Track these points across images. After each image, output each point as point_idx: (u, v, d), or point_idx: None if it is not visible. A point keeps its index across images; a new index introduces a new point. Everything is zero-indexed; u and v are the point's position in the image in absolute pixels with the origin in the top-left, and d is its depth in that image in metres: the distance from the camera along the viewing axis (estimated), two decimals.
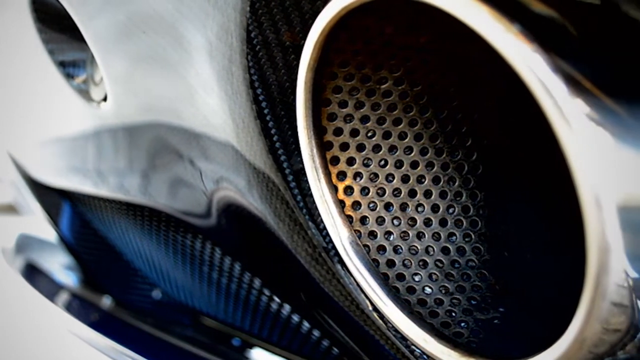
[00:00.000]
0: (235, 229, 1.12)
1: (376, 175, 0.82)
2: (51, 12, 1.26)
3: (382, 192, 0.82)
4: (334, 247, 0.84)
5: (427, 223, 0.83)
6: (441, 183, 0.84)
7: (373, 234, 0.82)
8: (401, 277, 0.81)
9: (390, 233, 0.82)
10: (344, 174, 0.82)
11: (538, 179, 0.85)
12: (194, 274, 1.35)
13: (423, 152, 0.83)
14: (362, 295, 0.83)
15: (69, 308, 1.60)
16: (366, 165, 0.82)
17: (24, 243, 1.99)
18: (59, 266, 1.84)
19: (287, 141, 0.86)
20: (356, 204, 0.82)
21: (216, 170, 0.99)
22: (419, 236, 0.82)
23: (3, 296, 1.77)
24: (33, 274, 1.81)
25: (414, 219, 0.83)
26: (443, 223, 0.83)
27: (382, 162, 0.82)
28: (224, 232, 1.15)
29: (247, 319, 1.29)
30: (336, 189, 0.81)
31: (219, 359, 1.33)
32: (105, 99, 1.17)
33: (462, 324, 0.79)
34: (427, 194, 0.83)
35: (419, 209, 0.83)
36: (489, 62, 0.70)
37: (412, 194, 0.83)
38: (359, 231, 0.82)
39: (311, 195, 0.83)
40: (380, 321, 0.83)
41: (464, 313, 0.79)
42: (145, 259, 1.52)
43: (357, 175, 0.82)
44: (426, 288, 0.81)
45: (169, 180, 1.15)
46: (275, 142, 0.86)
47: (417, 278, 0.81)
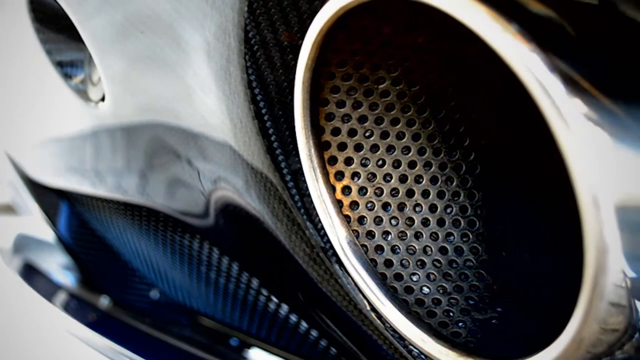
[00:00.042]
0: (233, 229, 1.11)
1: (374, 175, 0.82)
2: (49, 12, 1.26)
3: (379, 192, 0.82)
4: (331, 247, 0.84)
5: (425, 223, 0.83)
6: (439, 183, 0.84)
7: (371, 234, 0.82)
8: (399, 277, 0.81)
9: (388, 233, 0.82)
10: (342, 174, 0.82)
11: (536, 179, 0.85)
12: (192, 273, 1.34)
13: (421, 151, 0.83)
14: (360, 295, 0.83)
15: (66, 308, 1.60)
16: (364, 165, 0.82)
17: (22, 243, 1.99)
18: (57, 266, 1.84)
19: (284, 141, 0.86)
20: (354, 204, 0.82)
21: (214, 170, 0.99)
22: (417, 236, 0.82)
23: (1, 296, 1.77)
24: (31, 274, 1.80)
25: (411, 219, 0.83)
26: (441, 223, 0.83)
27: (380, 162, 0.82)
28: (222, 232, 1.15)
29: (245, 318, 1.29)
30: (334, 189, 0.81)
31: (217, 359, 1.33)
32: (103, 99, 1.17)
33: (460, 323, 0.79)
34: (425, 193, 0.83)
35: (417, 208, 0.83)
36: (486, 62, 0.70)
37: (409, 193, 0.83)
38: (356, 231, 0.82)
39: (309, 195, 0.83)
40: (378, 321, 0.83)
41: (462, 313, 0.79)
42: (143, 259, 1.52)
43: (354, 175, 0.82)
44: (424, 288, 0.81)
45: (166, 180, 1.15)
46: (273, 142, 0.86)
47: (415, 278, 0.81)
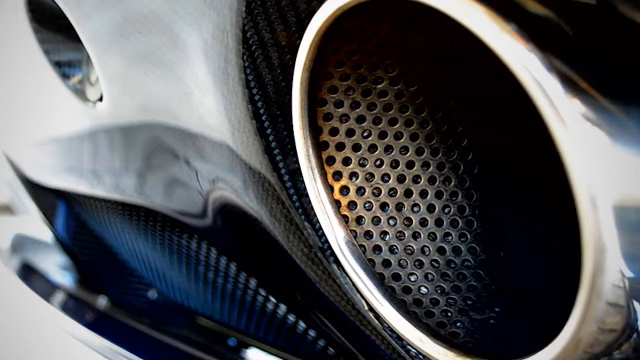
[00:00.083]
0: (231, 229, 1.11)
1: (372, 175, 0.82)
2: (47, 11, 1.26)
3: (378, 192, 0.82)
4: (329, 247, 0.84)
5: (423, 223, 0.83)
6: (437, 183, 0.84)
7: (369, 234, 0.82)
8: (397, 277, 0.81)
9: (386, 233, 0.82)
10: (340, 174, 0.82)
11: (534, 179, 0.85)
12: (190, 274, 1.34)
13: (419, 151, 0.83)
14: (358, 295, 0.83)
15: (64, 308, 1.60)
16: (362, 165, 0.82)
17: (20, 243, 1.99)
18: (55, 266, 1.83)
19: (283, 141, 0.86)
20: (352, 204, 0.82)
21: (212, 170, 0.99)
22: (415, 236, 0.82)
23: None
24: (29, 274, 1.80)
25: (409, 219, 0.83)
26: (439, 223, 0.83)
27: (378, 162, 0.82)
28: (220, 232, 1.15)
29: (242, 319, 1.29)
30: (332, 189, 0.81)
31: (215, 359, 1.33)
32: (101, 99, 1.17)
33: (458, 324, 0.79)
34: (423, 193, 0.83)
35: (415, 208, 0.83)
36: (484, 62, 0.70)
37: (408, 193, 0.83)
38: (354, 231, 0.82)
39: (307, 195, 0.83)
40: (376, 321, 0.83)
41: (460, 313, 0.79)
42: (141, 259, 1.52)
43: (353, 175, 0.82)
44: (422, 288, 0.81)
45: (164, 181, 1.15)
46: (271, 142, 0.86)
47: (413, 278, 0.81)
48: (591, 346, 0.61)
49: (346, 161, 0.82)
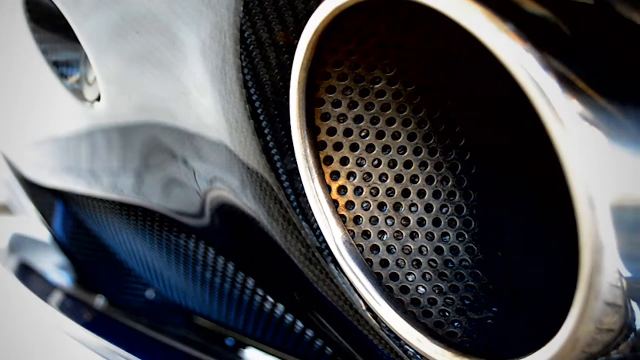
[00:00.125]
0: (229, 229, 1.11)
1: (370, 175, 0.82)
2: (45, 12, 1.26)
3: (375, 192, 0.82)
4: (327, 247, 0.84)
5: (421, 223, 0.83)
6: (435, 183, 0.84)
7: (366, 234, 0.82)
8: (395, 277, 0.81)
9: (383, 233, 0.82)
10: (338, 174, 0.82)
11: (532, 179, 0.85)
12: (188, 273, 1.34)
13: (417, 152, 0.83)
14: (356, 295, 0.83)
15: (62, 308, 1.60)
16: (360, 165, 0.82)
17: (18, 243, 1.99)
18: (53, 266, 1.83)
19: (280, 141, 0.86)
20: (350, 204, 0.82)
21: (210, 170, 0.99)
22: (413, 236, 0.82)
23: None
24: (27, 274, 1.80)
25: (407, 219, 0.83)
26: (437, 223, 0.83)
27: (376, 162, 0.82)
28: (218, 232, 1.15)
29: (240, 318, 1.29)
30: (330, 189, 0.81)
31: (213, 359, 1.33)
32: (99, 99, 1.17)
33: (456, 323, 0.79)
34: (421, 193, 0.83)
35: (413, 208, 0.83)
36: (482, 62, 0.70)
37: (405, 193, 0.83)
38: (352, 231, 0.82)
39: (305, 195, 0.83)
40: (374, 321, 0.83)
41: (458, 313, 0.79)
42: (139, 259, 1.52)
43: (350, 175, 0.82)
44: (420, 288, 0.81)
45: (162, 181, 1.15)
46: (269, 142, 0.86)
47: (410, 278, 0.81)
48: (589, 346, 0.61)
49: (344, 161, 0.82)
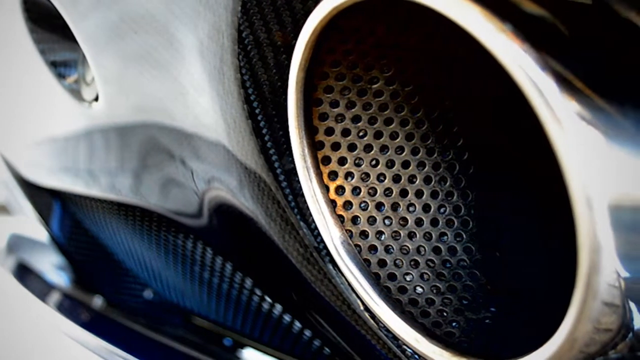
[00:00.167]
0: (227, 229, 1.11)
1: (368, 175, 0.82)
2: (42, 11, 1.26)
3: (373, 192, 0.82)
4: (325, 247, 0.84)
5: (419, 223, 0.83)
6: (433, 183, 0.84)
7: (364, 234, 0.82)
8: (392, 276, 0.81)
9: (381, 233, 0.82)
10: (336, 174, 0.82)
11: (530, 179, 0.85)
12: (186, 273, 1.34)
13: (414, 151, 0.83)
14: (354, 295, 0.83)
15: (60, 308, 1.60)
16: (358, 165, 0.82)
17: (16, 243, 1.99)
18: (51, 266, 1.83)
19: (278, 141, 0.86)
20: (347, 204, 0.82)
21: (207, 170, 0.99)
22: (411, 236, 0.82)
23: None
24: (24, 274, 1.80)
25: (405, 219, 0.83)
26: (434, 223, 0.83)
27: (374, 162, 0.82)
28: (216, 232, 1.15)
29: (238, 319, 1.29)
30: (327, 189, 0.81)
31: (211, 358, 1.32)
32: (96, 99, 1.17)
33: (454, 323, 0.79)
34: (419, 193, 0.83)
35: (411, 208, 0.83)
36: (480, 62, 0.70)
37: (403, 193, 0.83)
38: (350, 231, 0.82)
39: (303, 195, 0.83)
40: (372, 321, 0.83)
41: (456, 313, 0.79)
42: (137, 258, 1.52)
43: (348, 175, 0.82)
44: (417, 288, 0.81)
45: (160, 180, 1.15)
46: (266, 142, 0.86)
47: (408, 278, 0.81)
48: (587, 346, 0.61)
49: (342, 161, 0.82)
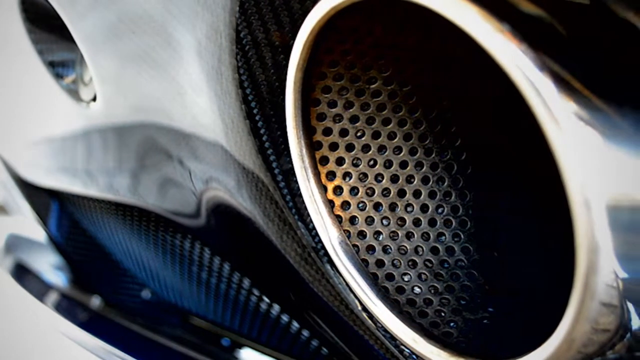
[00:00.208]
0: (225, 229, 1.11)
1: (365, 175, 0.82)
2: (40, 12, 1.26)
3: (371, 192, 0.82)
4: (323, 247, 0.84)
5: (416, 223, 0.83)
6: (430, 183, 0.84)
7: (362, 234, 0.82)
8: (390, 277, 0.81)
9: (379, 233, 0.82)
10: (333, 174, 0.82)
11: (528, 179, 0.85)
12: (183, 273, 1.34)
13: (412, 152, 0.83)
14: (352, 295, 0.83)
15: (58, 308, 1.60)
16: (355, 165, 0.82)
17: (13, 243, 1.99)
18: (49, 266, 1.83)
19: (276, 141, 0.86)
20: (345, 204, 0.82)
21: (205, 170, 0.99)
22: (408, 236, 0.82)
23: None
24: (22, 274, 1.80)
25: (403, 219, 0.83)
26: (432, 223, 0.83)
27: (372, 162, 0.82)
28: (213, 232, 1.15)
29: (236, 318, 1.29)
30: (325, 189, 0.81)
31: (209, 359, 1.32)
32: (94, 99, 1.17)
33: (452, 323, 0.79)
34: (416, 194, 0.83)
35: (408, 208, 0.83)
36: (478, 62, 0.70)
37: (401, 193, 0.83)
38: (348, 231, 0.82)
39: (300, 195, 0.83)
40: (370, 321, 0.83)
41: (453, 313, 0.79)
42: (135, 259, 1.51)
43: (346, 175, 0.82)
44: (415, 288, 0.81)
45: (158, 181, 1.15)
46: (264, 142, 0.86)
47: (406, 278, 0.81)
48: (585, 346, 0.61)
49: (340, 161, 0.82)
